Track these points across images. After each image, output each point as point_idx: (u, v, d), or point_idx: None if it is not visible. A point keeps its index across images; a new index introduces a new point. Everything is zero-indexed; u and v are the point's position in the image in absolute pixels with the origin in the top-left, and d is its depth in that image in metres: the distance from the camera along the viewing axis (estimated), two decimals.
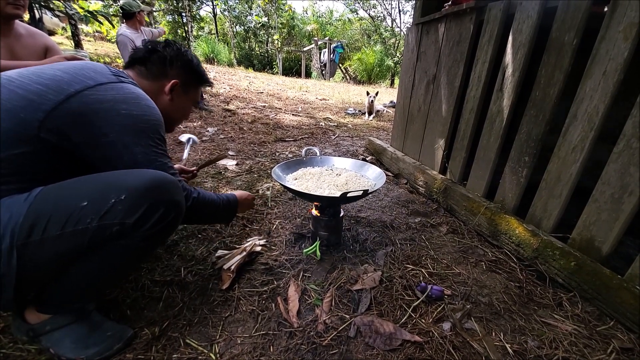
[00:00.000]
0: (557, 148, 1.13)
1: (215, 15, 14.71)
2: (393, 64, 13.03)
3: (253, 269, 1.13)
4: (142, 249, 0.74)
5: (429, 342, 0.85)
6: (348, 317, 0.93)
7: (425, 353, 0.82)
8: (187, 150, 1.48)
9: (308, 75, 12.49)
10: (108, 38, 11.38)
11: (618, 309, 0.93)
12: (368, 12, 17.29)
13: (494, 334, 0.90)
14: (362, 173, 1.38)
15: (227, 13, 15.21)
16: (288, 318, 0.92)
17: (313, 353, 0.82)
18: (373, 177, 1.33)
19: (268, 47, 15.17)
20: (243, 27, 15.40)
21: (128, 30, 3.06)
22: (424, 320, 0.93)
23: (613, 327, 0.92)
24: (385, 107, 5.37)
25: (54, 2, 4.14)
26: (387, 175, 2.12)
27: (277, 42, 13.29)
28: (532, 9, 1.19)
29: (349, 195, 1.05)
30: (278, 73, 12.72)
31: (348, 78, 13.98)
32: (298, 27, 15.38)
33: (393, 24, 16.72)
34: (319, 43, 12.53)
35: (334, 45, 12.11)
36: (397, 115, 2.41)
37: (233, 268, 1.07)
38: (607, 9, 0.97)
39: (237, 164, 2.21)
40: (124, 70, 0.92)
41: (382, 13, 17.14)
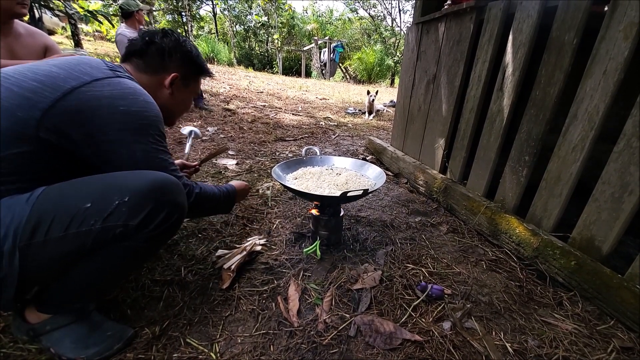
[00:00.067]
0: (557, 147, 1.13)
1: (215, 15, 14.71)
2: (393, 64, 13.03)
3: (253, 269, 1.13)
4: (144, 250, 0.75)
5: (429, 341, 0.86)
6: (348, 316, 0.93)
7: (426, 352, 0.82)
8: (189, 144, 1.46)
9: (308, 75, 12.49)
10: (108, 37, 11.37)
11: (618, 308, 0.93)
12: (368, 11, 17.29)
13: (494, 333, 0.90)
14: (362, 172, 1.38)
15: (227, 12, 15.22)
16: (288, 317, 0.92)
17: (313, 352, 0.82)
18: (373, 176, 1.33)
19: (268, 46, 15.17)
20: (243, 26, 15.40)
21: (127, 30, 3.05)
22: (424, 320, 0.93)
23: (613, 326, 0.93)
24: (385, 106, 5.37)
25: (54, 1, 4.13)
26: (387, 175, 2.12)
27: (277, 41, 13.29)
28: (532, 9, 1.19)
29: (349, 195, 1.05)
30: (278, 72, 12.72)
31: (348, 77, 13.98)
32: (298, 26, 15.37)
33: (393, 24, 16.72)
34: (319, 42, 12.52)
35: (334, 45, 12.11)
36: (397, 115, 2.41)
37: (233, 267, 1.07)
38: (607, 9, 0.97)
39: (237, 164, 2.21)
40: (121, 64, 0.89)
41: (382, 12, 17.14)
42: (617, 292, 0.93)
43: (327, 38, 12.52)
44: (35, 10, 3.86)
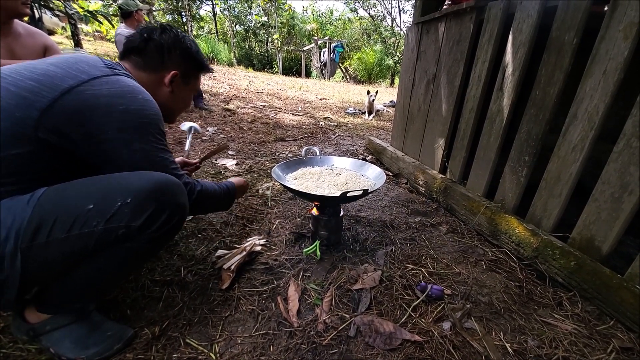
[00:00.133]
0: (557, 147, 1.13)
1: (215, 15, 14.70)
2: (393, 64, 13.03)
3: (253, 269, 1.13)
4: (146, 251, 0.75)
5: (429, 341, 0.85)
6: (348, 316, 0.93)
7: (425, 352, 0.82)
8: (189, 140, 1.45)
9: (308, 75, 12.49)
10: (108, 37, 11.36)
11: (618, 308, 0.93)
12: (368, 11, 17.29)
13: (494, 334, 0.90)
14: (362, 172, 1.38)
15: (226, 12, 15.22)
16: (288, 318, 0.92)
17: (313, 353, 0.82)
18: (373, 176, 1.33)
19: (268, 46, 15.17)
20: (243, 26, 15.40)
21: (126, 30, 3.05)
22: (424, 320, 0.93)
23: (613, 326, 0.92)
24: (385, 106, 5.37)
25: (54, 1, 4.13)
26: (387, 175, 2.12)
27: (277, 41, 13.28)
28: (532, 9, 1.19)
29: (349, 195, 1.05)
30: (278, 72, 12.72)
31: (348, 77, 13.98)
32: (298, 26, 15.37)
33: (393, 24, 16.72)
34: (319, 42, 12.52)
35: (334, 45, 12.11)
36: (397, 115, 2.41)
37: (233, 268, 1.07)
38: (607, 9, 0.97)
39: (237, 164, 2.21)
40: (120, 62, 0.88)
41: (382, 12, 17.14)
42: (616, 292, 0.93)
43: (327, 38, 12.52)
44: (35, 10, 3.85)
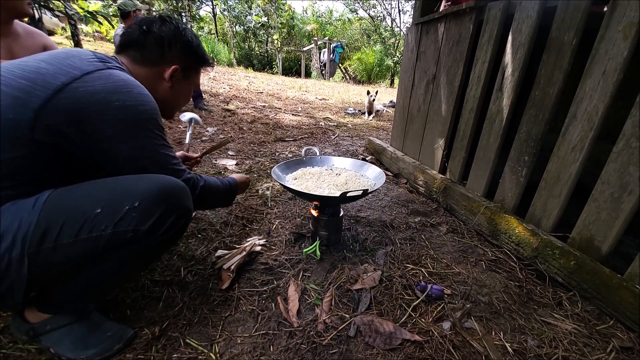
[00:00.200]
0: (556, 148, 1.13)
1: (215, 15, 14.72)
2: (393, 64, 13.03)
3: (253, 269, 1.13)
4: (151, 254, 0.76)
5: (429, 341, 0.86)
6: (348, 316, 0.93)
7: (425, 352, 0.82)
8: (189, 133, 1.44)
9: (308, 75, 12.49)
10: (108, 38, 11.36)
11: (618, 308, 0.93)
12: (368, 12, 17.30)
13: (494, 333, 0.90)
14: (361, 173, 1.38)
15: (226, 13, 15.22)
16: (288, 318, 0.92)
17: (313, 352, 0.82)
18: (373, 176, 1.33)
19: (268, 47, 15.17)
20: (243, 27, 15.40)
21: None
22: (424, 320, 0.93)
23: (613, 326, 0.93)
24: (385, 106, 5.37)
25: (54, 2, 4.13)
26: (386, 175, 2.12)
27: (276, 42, 13.28)
28: (531, 9, 1.19)
29: (349, 195, 1.05)
30: (278, 73, 12.72)
31: (348, 78, 13.98)
32: (298, 27, 15.38)
33: (393, 24, 16.73)
34: (319, 43, 12.53)
35: (334, 45, 12.11)
36: (396, 115, 2.41)
37: (233, 268, 1.07)
38: (606, 9, 0.97)
39: (236, 164, 2.21)
40: (116, 56, 0.85)
41: (381, 13, 17.15)
42: (616, 292, 0.93)
43: (326, 38, 12.52)
44: (35, 11, 3.86)
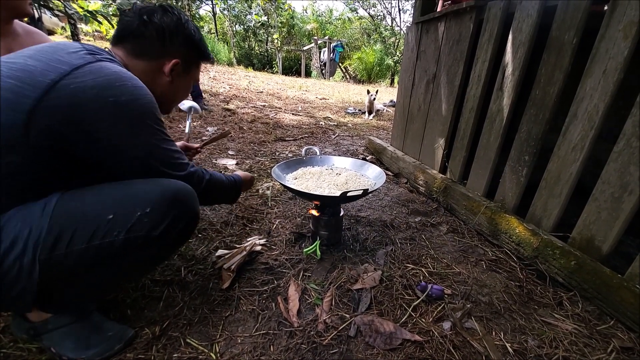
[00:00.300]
0: (557, 147, 1.13)
1: (215, 15, 14.69)
2: (393, 63, 13.02)
3: (253, 269, 1.13)
4: (159, 257, 0.78)
5: (429, 341, 0.86)
6: (348, 316, 0.93)
7: (426, 352, 0.82)
8: (189, 122, 1.44)
9: (308, 75, 12.48)
10: (107, 37, 11.35)
11: (618, 308, 0.93)
12: (368, 11, 17.29)
13: (494, 333, 0.90)
14: (362, 172, 1.38)
15: (226, 12, 15.19)
16: (288, 317, 0.92)
17: (313, 352, 0.82)
18: (373, 176, 1.33)
19: (268, 46, 15.16)
20: (243, 26, 15.38)
21: None
22: (424, 320, 0.93)
23: (613, 326, 0.93)
24: (385, 106, 5.36)
25: (54, 1, 4.13)
26: (387, 175, 2.12)
27: (276, 41, 13.26)
28: (532, 8, 1.19)
29: (349, 195, 1.05)
30: (278, 72, 12.71)
31: (348, 77, 13.97)
32: (298, 26, 15.36)
33: (393, 23, 16.72)
34: (319, 42, 12.51)
35: (334, 45, 12.10)
36: (397, 115, 2.41)
37: (233, 267, 1.07)
38: (606, 8, 0.97)
39: (237, 164, 2.21)
40: (112, 48, 0.81)
41: (381, 12, 17.14)
42: (617, 292, 0.93)
43: (326, 38, 12.51)
44: (35, 10, 3.85)
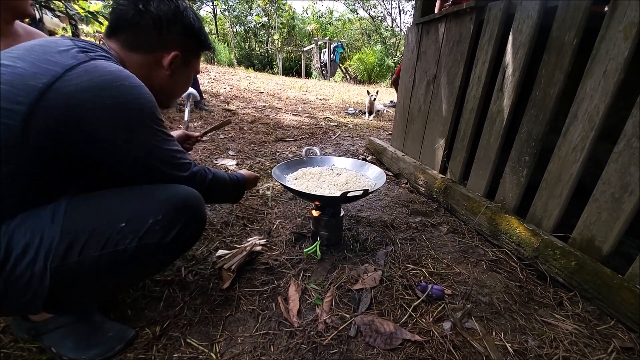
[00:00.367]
0: (557, 148, 1.13)
1: (216, 15, 14.73)
2: (393, 64, 13.03)
3: (253, 269, 1.13)
4: (168, 262, 0.80)
5: (430, 341, 0.86)
6: (348, 316, 0.93)
7: (426, 352, 0.82)
8: (187, 110, 1.44)
9: (308, 75, 12.49)
10: None
11: (618, 308, 0.93)
12: (368, 12, 17.32)
13: (495, 334, 0.90)
14: (362, 173, 1.38)
15: (227, 13, 15.23)
16: (288, 317, 0.92)
17: (313, 352, 0.82)
18: (373, 176, 1.33)
19: (268, 47, 15.17)
20: (243, 27, 15.41)
21: None
22: (425, 320, 0.93)
23: (613, 326, 0.92)
24: (386, 106, 5.37)
25: (55, 2, 4.14)
26: (387, 175, 2.12)
27: (277, 42, 13.28)
28: (532, 9, 1.19)
29: (349, 195, 1.05)
30: (278, 73, 12.72)
31: (348, 78, 13.97)
32: (298, 27, 15.37)
33: (393, 24, 16.75)
34: (319, 43, 12.52)
35: (334, 45, 12.10)
36: (397, 115, 2.41)
37: (233, 268, 1.07)
38: (607, 9, 0.97)
39: (237, 164, 2.21)
40: (106, 41, 0.77)
41: (382, 13, 17.17)
42: (617, 292, 0.93)
43: (327, 38, 12.51)
44: (36, 11, 3.86)
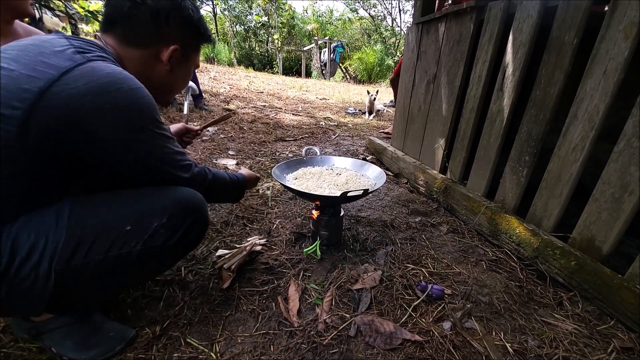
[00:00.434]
0: (557, 148, 1.13)
1: (215, 15, 14.71)
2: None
3: (253, 269, 1.13)
4: (171, 264, 0.81)
5: (429, 341, 0.86)
6: (348, 316, 0.93)
7: (426, 352, 0.82)
8: (187, 103, 1.45)
9: (308, 75, 12.48)
10: None
11: (618, 308, 0.93)
12: (368, 11, 17.30)
13: (494, 333, 0.90)
14: (362, 172, 1.38)
15: (227, 12, 15.21)
16: (288, 317, 0.92)
17: (313, 352, 0.82)
18: (373, 176, 1.33)
19: (268, 46, 15.15)
20: (243, 26, 15.39)
21: None
22: (425, 320, 0.93)
23: (613, 326, 0.93)
24: (386, 106, 5.36)
25: (54, 1, 4.14)
26: (387, 175, 2.12)
27: (277, 41, 13.27)
28: (532, 9, 1.19)
29: (349, 195, 1.05)
30: (278, 72, 12.71)
31: (348, 77, 13.97)
32: (298, 26, 15.36)
33: (393, 24, 16.74)
34: (319, 42, 12.51)
35: (334, 45, 12.10)
36: (397, 115, 2.41)
37: (233, 267, 1.07)
38: (607, 9, 0.97)
39: (237, 164, 2.21)
40: (101, 35, 0.74)
41: (382, 12, 17.15)
42: (617, 292, 0.93)
43: (327, 38, 12.50)
44: (36, 10, 3.86)
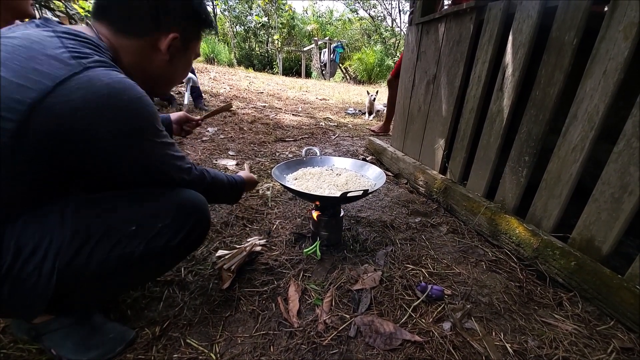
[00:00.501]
0: (557, 148, 1.13)
1: (215, 15, 14.70)
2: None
3: (253, 269, 1.13)
4: (172, 265, 0.82)
5: (429, 341, 0.86)
6: (348, 317, 0.93)
7: (426, 353, 0.82)
8: (187, 94, 1.45)
9: (308, 75, 12.49)
10: None
11: (618, 309, 0.93)
12: (368, 11, 17.32)
13: (494, 334, 0.90)
14: (362, 173, 1.38)
15: (227, 13, 15.21)
16: (288, 318, 0.92)
17: (313, 353, 0.82)
18: (373, 177, 1.33)
19: (268, 47, 15.16)
20: (243, 27, 15.39)
21: None
22: (424, 320, 0.93)
23: (613, 326, 0.92)
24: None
25: (54, 1, 4.14)
26: (387, 175, 2.12)
27: (277, 42, 13.27)
28: (532, 9, 1.19)
29: (349, 195, 1.05)
30: (278, 73, 12.71)
31: (348, 78, 13.97)
32: (298, 27, 15.37)
33: (393, 24, 16.75)
34: (319, 43, 12.52)
35: (334, 45, 12.10)
36: (397, 115, 2.41)
37: (233, 268, 1.07)
38: (607, 9, 0.97)
39: (237, 164, 2.21)
40: (93, 23, 0.69)
41: (382, 13, 17.17)
42: (617, 292, 0.93)
43: (327, 38, 12.50)
44: (36, 11, 3.87)
